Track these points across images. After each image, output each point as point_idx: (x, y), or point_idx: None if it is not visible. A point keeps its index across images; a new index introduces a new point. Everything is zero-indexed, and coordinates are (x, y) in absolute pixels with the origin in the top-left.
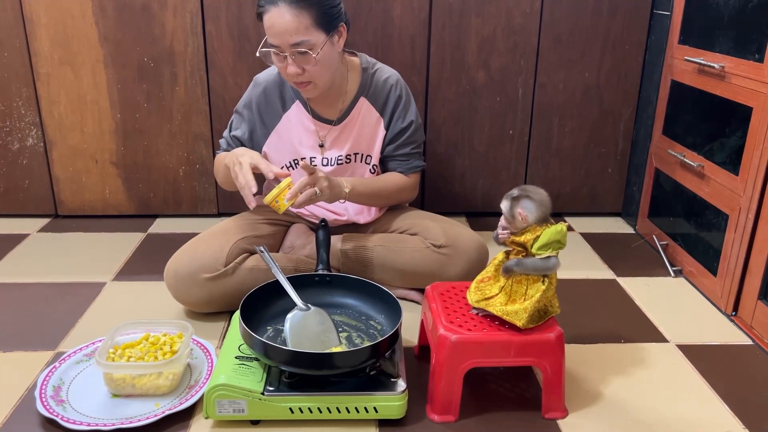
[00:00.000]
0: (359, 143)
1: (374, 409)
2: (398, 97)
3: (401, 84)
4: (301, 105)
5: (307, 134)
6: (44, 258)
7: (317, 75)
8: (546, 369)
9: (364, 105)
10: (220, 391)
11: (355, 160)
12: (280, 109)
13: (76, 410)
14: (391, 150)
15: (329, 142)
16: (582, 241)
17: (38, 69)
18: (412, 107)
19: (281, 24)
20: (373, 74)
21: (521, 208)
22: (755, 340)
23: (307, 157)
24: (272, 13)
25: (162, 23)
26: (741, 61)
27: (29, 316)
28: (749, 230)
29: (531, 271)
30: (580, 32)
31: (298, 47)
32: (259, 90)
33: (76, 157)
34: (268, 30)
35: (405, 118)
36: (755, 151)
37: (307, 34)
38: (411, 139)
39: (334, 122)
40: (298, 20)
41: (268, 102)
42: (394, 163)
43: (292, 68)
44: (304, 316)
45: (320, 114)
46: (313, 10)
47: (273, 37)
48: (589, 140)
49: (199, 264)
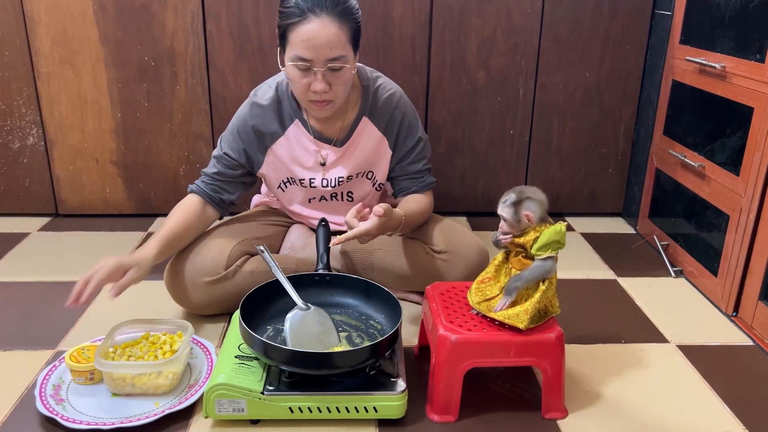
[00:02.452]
0: (362, 164)
1: (374, 408)
2: (403, 115)
3: (404, 101)
4: (300, 124)
5: (306, 154)
6: (44, 257)
7: (339, 93)
8: (546, 369)
9: (366, 125)
10: (220, 390)
11: (357, 177)
12: (278, 129)
13: (76, 409)
14: (404, 167)
15: (330, 162)
16: (582, 242)
17: (39, 68)
18: (417, 123)
19: (324, 36)
20: (375, 92)
21: (527, 210)
22: (756, 340)
23: (306, 178)
24: (314, 25)
25: (162, 23)
26: (742, 61)
27: (29, 315)
28: (750, 231)
29: (531, 281)
30: (580, 32)
31: (335, 62)
32: (256, 108)
33: (76, 156)
34: (306, 42)
35: (413, 136)
36: (756, 151)
37: (344, 50)
38: (422, 155)
39: (336, 143)
40: (340, 34)
41: (265, 120)
42: (409, 182)
43: (320, 84)
44: (304, 315)
45: (321, 133)
46: (351, 25)
47: (308, 49)
48: (589, 140)
49: (200, 268)
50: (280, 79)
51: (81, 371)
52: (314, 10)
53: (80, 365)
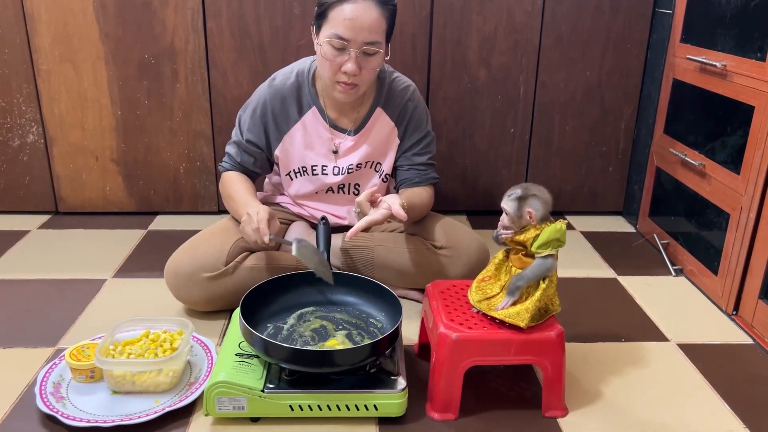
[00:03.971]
0: (372, 153)
1: (374, 406)
2: (415, 107)
3: (417, 95)
4: (317, 112)
5: (320, 141)
6: (44, 255)
7: (366, 79)
8: (546, 367)
9: (380, 115)
10: (220, 388)
11: (365, 167)
12: (296, 114)
13: (76, 407)
14: (409, 158)
15: (343, 151)
16: (583, 240)
17: (39, 66)
18: (427, 118)
19: (366, 19)
20: (390, 83)
21: (531, 207)
22: (756, 339)
23: (318, 165)
24: (359, 6)
25: (163, 20)
26: (743, 60)
27: (29, 312)
28: (750, 229)
29: (533, 280)
30: (581, 31)
31: (370, 47)
32: (274, 90)
33: (76, 154)
34: (347, 21)
35: (421, 129)
36: (756, 150)
37: (381, 37)
38: (428, 149)
39: (350, 132)
40: (381, 20)
41: (283, 104)
42: (412, 173)
43: (352, 66)
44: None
45: (336, 122)
46: (390, 16)
47: (349, 30)
48: (590, 139)
49: (200, 263)
50: (300, 67)
51: (81, 369)
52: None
53: (80, 363)
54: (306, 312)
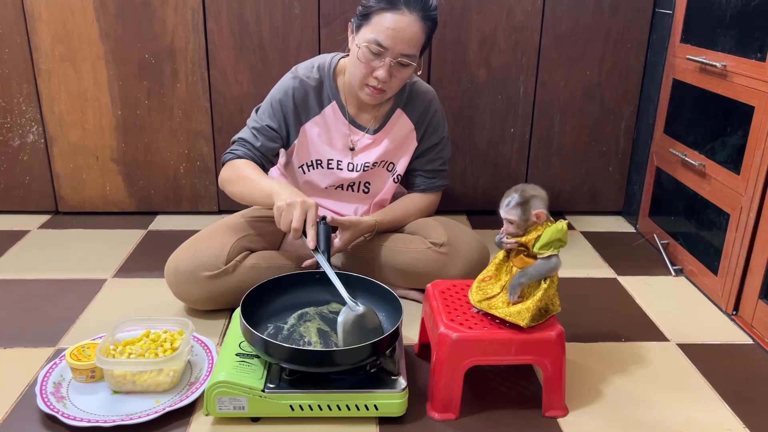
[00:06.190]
0: (388, 152)
1: (374, 406)
2: (435, 112)
3: (437, 101)
4: (337, 107)
5: (338, 136)
6: (44, 255)
7: (394, 88)
8: (546, 367)
9: (400, 116)
10: (221, 388)
11: (380, 166)
12: (316, 106)
13: (77, 406)
14: (422, 163)
15: (359, 148)
16: (583, 240)
17: (39, 65)
18: (444, 123)
19: (408, 32)
20: (411, 87)
21: (537, 208)
22: (756, 339)
23: (334, 159)
24: (404, 18)
25: (163, 20)
26: (743, 60)
27: (30, 312)
28: (750, 229)
29: (536, 278)
30: (581, 30)
31: (405, 58)
32: (298, 82)
33: (76, 153)
34: (390, 30)
35: (438, 133)
36: (756, 150)
37: (417, 51)
38: (441, 154)
39: (369, 130)
40: (421, 36)
41: (305, 95)
42: (420, 179)
43: (384, 73)
44: (356, 316)
45: (356, 119)
46: (429, 34)
47: (390, 39)
48: (590, 139)
49: (200, 262)
50: (320, 62)
51: (81, 369)
52: (409, 5)
53: (81, 363)
54: (306, 312)
